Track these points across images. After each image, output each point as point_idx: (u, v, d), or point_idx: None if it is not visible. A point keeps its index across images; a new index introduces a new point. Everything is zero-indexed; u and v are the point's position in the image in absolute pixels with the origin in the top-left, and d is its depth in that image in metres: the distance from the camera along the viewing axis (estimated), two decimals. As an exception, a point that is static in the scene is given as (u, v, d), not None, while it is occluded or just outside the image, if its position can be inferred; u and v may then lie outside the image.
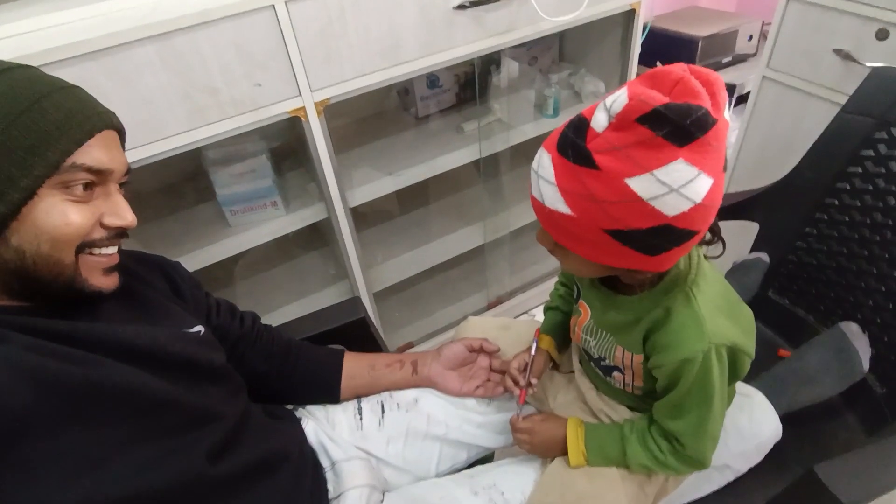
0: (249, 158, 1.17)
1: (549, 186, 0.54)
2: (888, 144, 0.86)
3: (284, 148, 1.36)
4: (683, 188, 0.49)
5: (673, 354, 0.61)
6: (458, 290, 1.77)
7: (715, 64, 1.92)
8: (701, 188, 0.49)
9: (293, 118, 1.03)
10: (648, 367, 0.67)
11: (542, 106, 1.50)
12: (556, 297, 0.90)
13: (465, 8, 1.07)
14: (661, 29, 1.94)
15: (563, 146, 0.53)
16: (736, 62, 1.97)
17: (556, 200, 0.54)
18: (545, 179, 0.55)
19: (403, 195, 1.45)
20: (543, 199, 0.55)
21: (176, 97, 0.90)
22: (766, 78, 1.36)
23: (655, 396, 0.68)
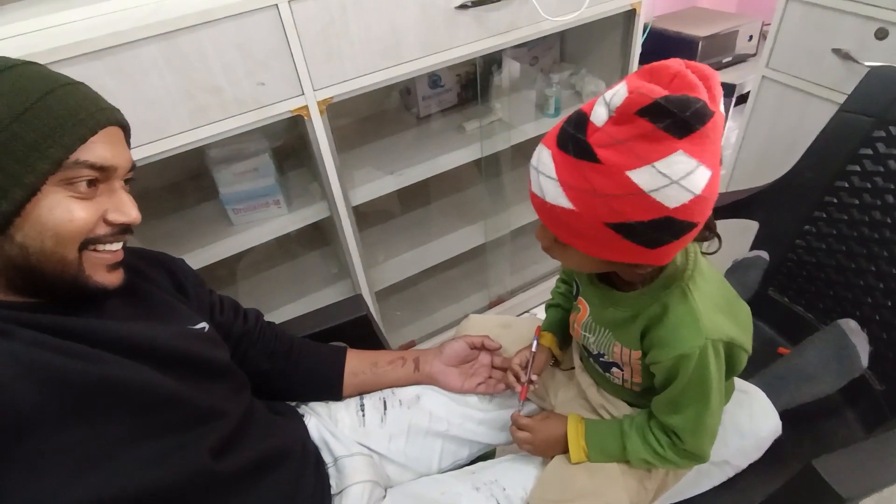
0: (252, 157, 1.17)
1: (549, 182, 0.54)
2: (887, 143, 0.87)
3: (287, 147, 1.36)
4: (683, 180, 0.49)
5: (670, 350, 0.62)
6: (459, 289, 1.78)
7: (715, 64, 1.93)
8: (700, 180, 0.50)
9: (296, 117, 1.03)
10: (646, 362, 0.67)
11: (543, 106, 1.51)
12: (557, 294, 0.91)
13: (466, 8, 1.07)
14: (661, 29, 1.94)
15: (563, 141, 0.54)
16: (736, 62, 1.97)
17: (557, 195, 0.54)
18: (545, 175, 0.55)
19: (405, 194, 1.45)
20: (544, 194, 0.56)
21: (179, 96, 0.91)
22: (765, 78, 1.36)
23: (654, 392, 0.69)
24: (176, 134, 0.94)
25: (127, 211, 0.58)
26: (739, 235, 1.09)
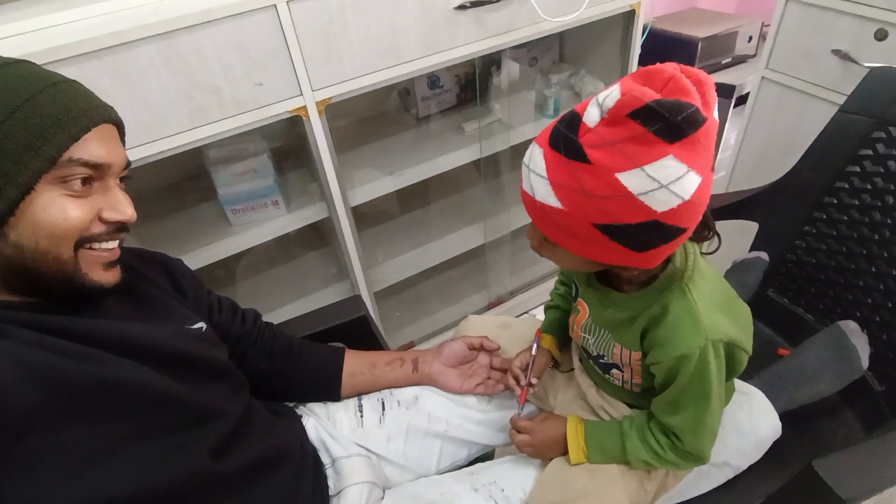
0: (251, 158, 1.17)
1: (540, 180, 0.55)
2: (886, 144, 0.87)
3: (285, 147, 1.36)
4: (673, 184, 0.49)
5: (670, 351, 0.62)
6: (458, 289, 1.78)
7: (714, 65, 1.93)
8: (690, 185, 0.50)
9: (294, 117, 1.03)
10: (646, 363, 0.67)
11: (542, 106, 1.51)
12: (556, 295, 0.91)
13: (465, 8, 1.07)
14: (660, 30, 1.94)
15: (555, 141, 0.54)
16: (735, 63, 1.97)
17: (547, 194, 0.54)
18: (536, 173, 0.55)
19: (404, 195, 1.45)
20: (534, 192, 0.56)
21: (177, 96, 0.91)
22: (765, 79, 1.36)
23: (654, 393, 0.68)
24: (174, 134, 0.94)
25: (122, 209, 0.58)
26: (739, 236, 1.09)
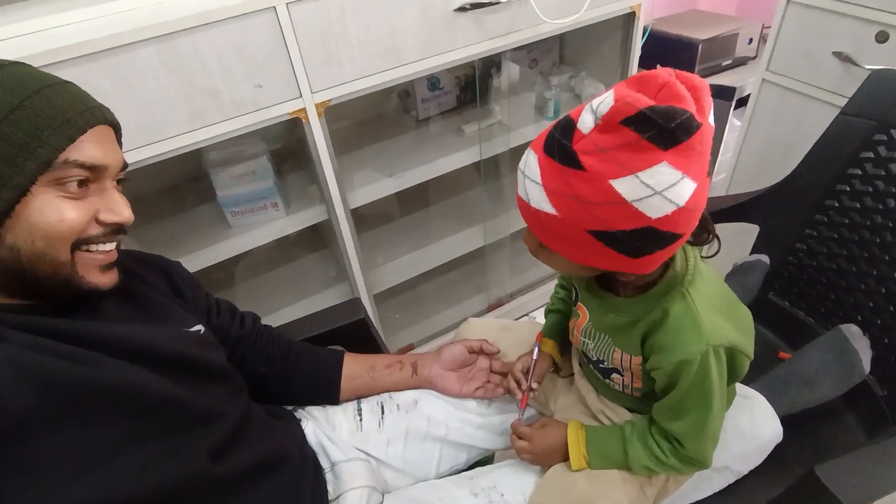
0: (250, 160, 1.17)
1: (534, 186, 0.55)
2: (888, 146, 0.86)
3: (285, 149, 1.36)
4: (667, 191, 0.49)
5: (671, 356, 0.61)
6: (458, 292, 1.77)
7: (715, 67, 1.92)
8: (684, 192, 0.49)
9: (294, 120, 1.03)
10: (647, 368, 0.67)
11: (542, 108, 1.51)
12: (556, 299, 0.90)
13: (465, 10, 1.07)
14: (661, 32, 1.94)
15: (549, 147, 0.54)
16: (736, 65, 1.97)
17: (541, 200, 0.54)
18: (531, 179, 0.55)
19: (404, 197, 1.45)
20: (529, 198, 0.56)
21: (177, 98, 0.91)
22: (766, 81, 1.36)
23: (655, 398, 0.68)
24: (173, 136, 0.94)
25: (119, 210, 0.58)
26: (739, 239, 1.08)
